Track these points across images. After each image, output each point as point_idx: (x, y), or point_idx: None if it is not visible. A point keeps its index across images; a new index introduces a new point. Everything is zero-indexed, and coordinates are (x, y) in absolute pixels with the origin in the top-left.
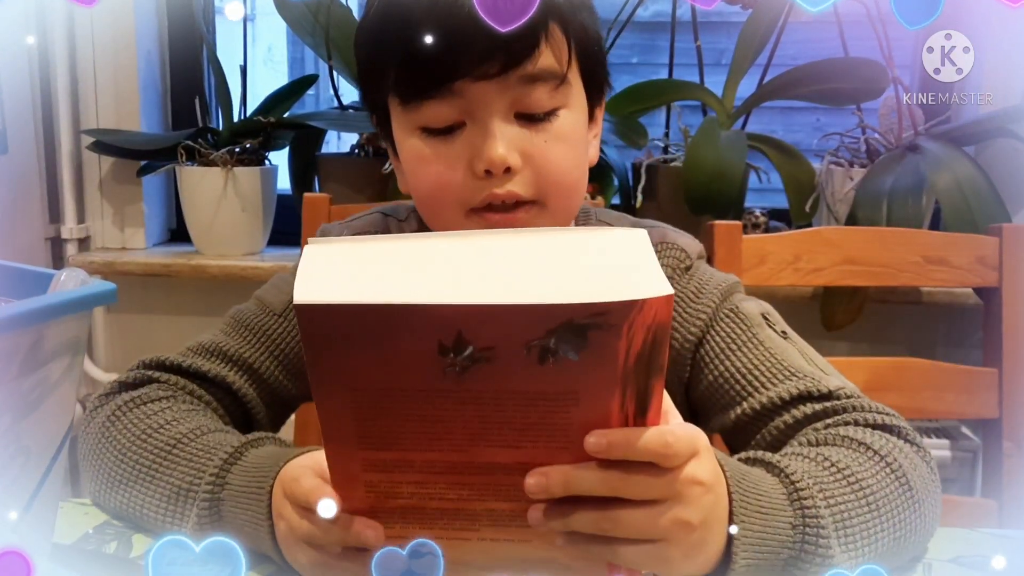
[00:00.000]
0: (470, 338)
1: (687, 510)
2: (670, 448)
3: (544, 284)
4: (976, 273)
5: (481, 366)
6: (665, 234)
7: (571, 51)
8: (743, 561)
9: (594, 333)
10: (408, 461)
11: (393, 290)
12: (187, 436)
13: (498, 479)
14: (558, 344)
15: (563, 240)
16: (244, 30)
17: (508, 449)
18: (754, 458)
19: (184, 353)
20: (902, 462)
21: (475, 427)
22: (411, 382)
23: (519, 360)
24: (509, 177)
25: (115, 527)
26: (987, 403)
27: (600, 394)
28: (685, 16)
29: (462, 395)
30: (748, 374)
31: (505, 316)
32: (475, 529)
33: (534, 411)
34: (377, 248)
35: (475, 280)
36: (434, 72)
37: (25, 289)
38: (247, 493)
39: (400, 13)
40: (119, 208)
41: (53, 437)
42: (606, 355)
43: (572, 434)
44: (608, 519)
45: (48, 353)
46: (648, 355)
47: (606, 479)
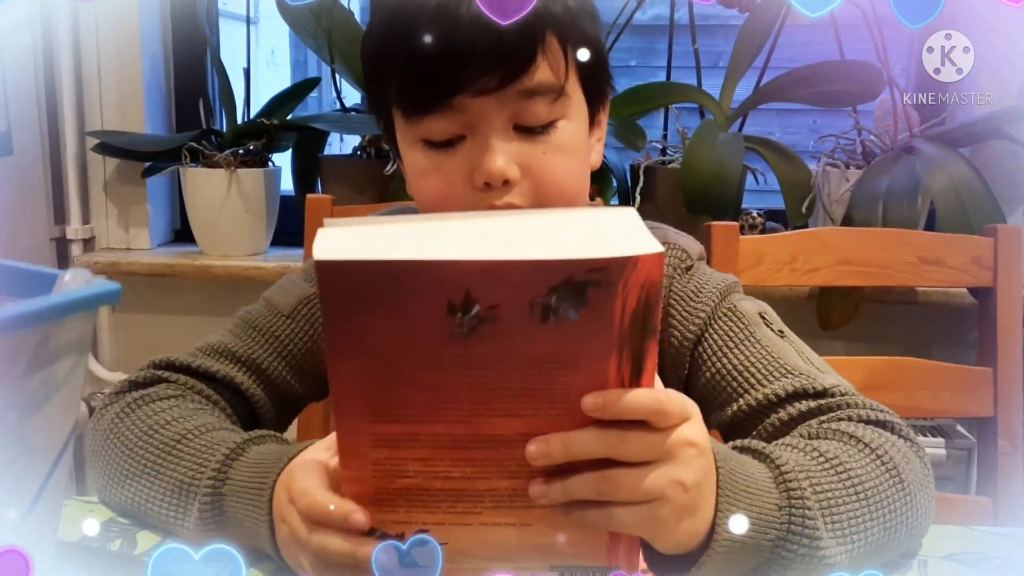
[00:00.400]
0: (477, 296)
1: (681, 469)
2: (663, 406)
3: (545, 245)
4: (971, 273)
5: (486, 327)
6: (666, 235)
7: (569, 63)
8: (727, 536)
9: (592, 291)
10: (414, 435)
11: (407, 250)
12: (192, 432)
13: (500, 453)
14: (559, 302)
15: (561, 215)
16: (247, 33)
17: (510, 418)
18: (743, 446)
19: (193, 353)
20: (893, 455)
21: (479, 395)
22: (419, 347)
23: (522, 319)
24: (508, 189)
25: (120, 525)
26: (982, 402)
27: (598, 356)
28: (683, 19)
29: (468, 358)
30: (745, 371)
31: (510, 272)
32: (477, 512)
33: (535, 375)
34: (389, 225)
35: (482, 243)
36: (433, 88)
37: (30, 289)
38: (248, 489)
39: (400, 29)
40: (124, 209)
41: (58, 436)
42: (604, 313)
43: (571, 400)
44: (606, 480)
45: (53, 352)
46: (642, 315)
47: (603, 438)
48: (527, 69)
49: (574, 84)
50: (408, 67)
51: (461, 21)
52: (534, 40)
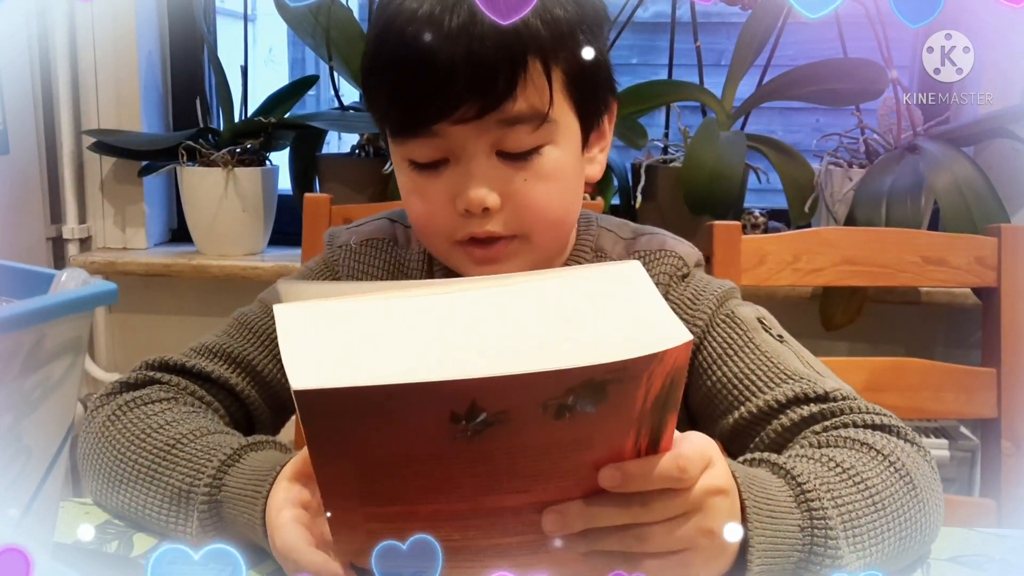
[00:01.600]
0: (484, 405)
1: (708, 518)
2: (685, 472)
3: (559, 342)
4: (975, 273)
5: (494, 428)
6: (664, 241)
7: (554, 87)
8: (759, 564)
9: (613, 387)
10: (412, 513)
11: (397, 363)
12: (187, 437)
13: (505, 520)
14: (576, 400)
15: (560, 285)
16: (245, 31)
17: (517, 494)
18: (759, 459)
19: (187, 354)
20: (905, 461)
21: (484, 480)
22: (419, 448)
23: (535, 418)
24: (488, 216)
25: (116, 527)
26: (986, 403)
27: (615, 437)
28: (685, 17)
29: (473, 455)
30: (745, 379)
31: (523, 383)
32: (479, 560)
33: (547, 459)
34: (357, 307)
35: (484, 344)
36: (415, 115)
37: (26, 289)
38: (243, 497)
39: (386, 53)
40: (120, 208)
41: (54, 437)
42: (624, 404)
43: (583, 473)
44: (633, 536)
45: (49, 353)
46: (665, 396)
47: (626, 509)
48: (507, 98)
49: (562, 108)
50: (391, 94)
51: (442, 49)
52: (514, 69)
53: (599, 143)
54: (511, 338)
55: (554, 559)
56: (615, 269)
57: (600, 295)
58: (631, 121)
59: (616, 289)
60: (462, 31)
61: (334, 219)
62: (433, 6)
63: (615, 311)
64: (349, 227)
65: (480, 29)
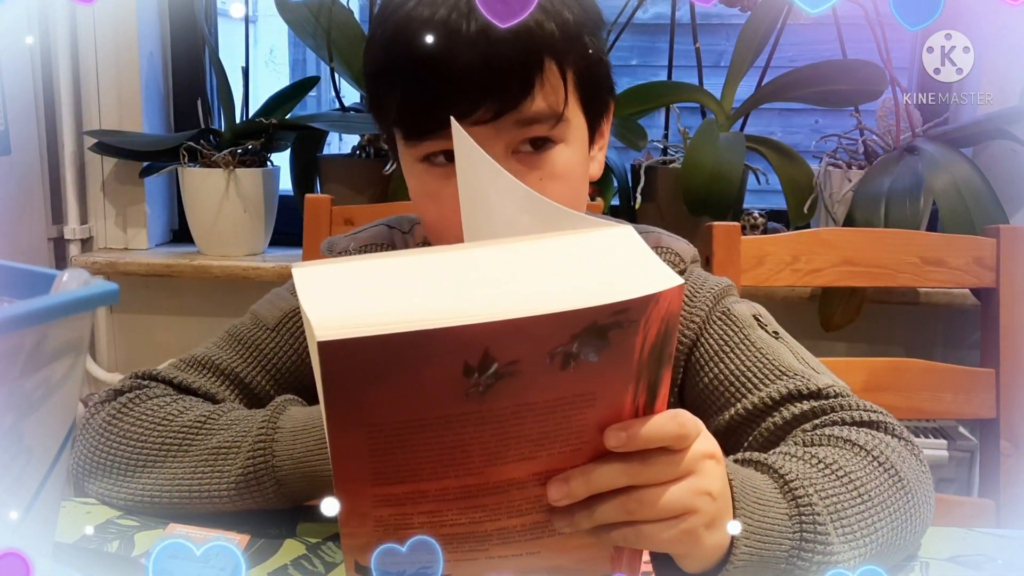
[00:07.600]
0: (496, 355)
1: (706, 480)
2: (684, 428)
3: (563, 290)
4: (973, 274)
5: (504, 382)
6: (660, 239)
7: (568, 87)
8: (746, 549)
9: (615, 332)
10: (421, 492)
11: (416, 313)
12: (215, 413)
13: (511, 496)
14: (580, 348)
15: (557, 243)
16: (246, 32)
17: (523, 462)
18: (744, 459)
19: (177, 365)
20: (889, 455)
21: (492, 446)
22: (432, 410)
23: (542, 369)
24: None
25: (118, 526)
26: (984, 403)
27: (616, 390)
28: (684, 18)
29: (483, 415)
30: (741, 376)
31: (533, 327)
32: (484, 549)
33: (551, 419)
34: (371, 265)
35: (493, 297)
36: (431, 116)
37: (28, 289)
38: (302, 430)
39: (399, 56)
40: (121, 209)
41: (56, 437)
42: (624, 351)
43: (586, 435)
44: (634, 500)
45: (51, 353)
46: (660, 345)
47: (627, 470)
48: (523, 100)
49: (573, 107)
50: (405, 96)
51: (458, 51)
52: (531, 70)
53: (599, 142)
54: (518, 291)
55: (557, 545)
56: (609, 231)
57: (597, 252)
58: (631, 122)
59: (611, 247)
60: (480, 35)
61: (335, 219)
62: (449, 11)
63: (611, 265)
64: (347, 235)
65: (498, 33)
